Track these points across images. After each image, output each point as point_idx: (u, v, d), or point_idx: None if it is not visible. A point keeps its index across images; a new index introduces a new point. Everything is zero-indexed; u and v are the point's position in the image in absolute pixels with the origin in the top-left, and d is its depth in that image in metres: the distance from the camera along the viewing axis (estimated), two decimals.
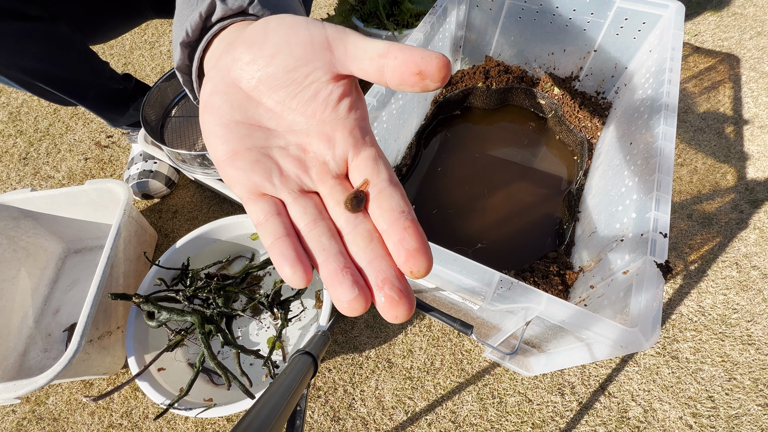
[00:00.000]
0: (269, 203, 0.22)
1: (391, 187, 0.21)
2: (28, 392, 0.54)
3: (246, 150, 0.22)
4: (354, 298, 0.19)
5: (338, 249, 0.20)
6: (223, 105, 0.22)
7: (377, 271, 0.19)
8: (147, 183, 0.85)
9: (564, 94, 0.88)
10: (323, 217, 0.22)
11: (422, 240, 0.19)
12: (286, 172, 0.22)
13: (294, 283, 0.20)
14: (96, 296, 0.59)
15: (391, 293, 0.19)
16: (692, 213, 0.83)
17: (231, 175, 0.22)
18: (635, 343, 0.37)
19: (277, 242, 0.20)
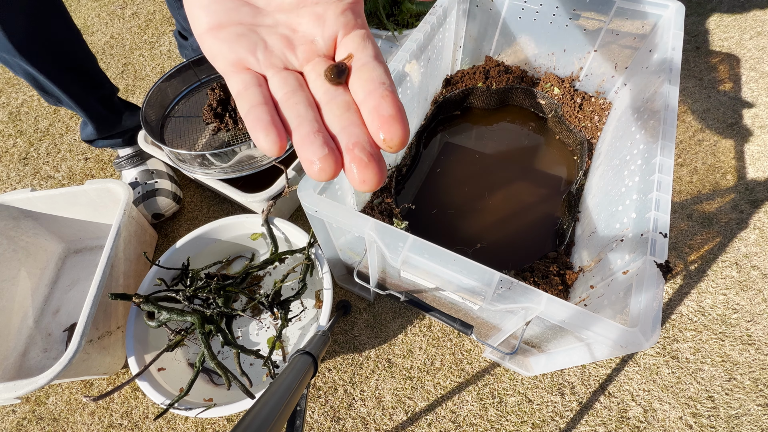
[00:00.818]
0: (251, 75, 0.21)
1: (374, 62, 0.20)
2: (28, 392, 0.54)
3: (231, 24, 0.21)
4: (323, 157, 0.18)
5: (313, 116, 0.20)
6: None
7: (349, 135, 0.19)
8: (155, 201, 0.84)
9: (564, 94, 0.88)
10: (302, 89, 0.21)
11: (399, 108, 0.19)
12: (271, 48, 0.21)
13: (267, 148, 0.19)
14: (96, 296, 0.59)
15: (361, 155, 0.18)
16: (692, 213, 0.83)
17: (213, 47, 0.21)
18: (635, 343, 0.37)
19: (252, 108, 0.20)
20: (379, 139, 0.19)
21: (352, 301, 0.76)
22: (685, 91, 1.02)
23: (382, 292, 0.57)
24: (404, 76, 0.66)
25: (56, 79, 0.70)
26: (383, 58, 0.21)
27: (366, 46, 0.21)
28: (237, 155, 0.68)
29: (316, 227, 0.56)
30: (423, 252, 0.43)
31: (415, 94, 0.76)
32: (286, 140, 0.19)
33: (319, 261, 0.67)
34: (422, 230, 0.76)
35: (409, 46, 0.66)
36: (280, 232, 0.73)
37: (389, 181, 0.79)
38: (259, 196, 0.70)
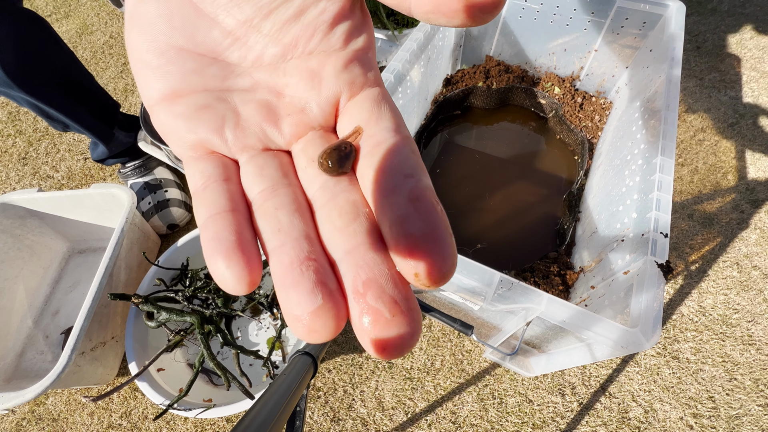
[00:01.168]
0: (215, 164, 0.15)
1: (396, 138, 0.14)
2: (16, 405, 0.54)
3: (192, 91, 0.15)
4: (314, 312, 0.11)
5: (302, 230, 0.13)
6: (160, 21, 0.15)
7: (358, 266, 0.12)
8: (169, 212, 0.83)
9: (564, 94, 0.88)
10: (288, 182, 0.15)
11: (438, 221, 0.12)
12: (245, 121, 0.15)
13: (228, 284, 0.12)
14: (90, 308, 0.58)
15: (378, 305, 0.11)
16: (693, 213, 0.82)
17: (166, 125, 0.15)
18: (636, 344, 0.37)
19: (211, 219, 0.13)
20: (410, 272, 0.12)
21: None
22: (686, 91, 1.02)
23: None
24: (404, 76, 0.66)
25: (58, 105, 0.70)
26: (407, 129, 0.15)
27: (382, 114, 0.15)
28: None
29: None
30: None
31: (415, 93, 0.76)
32: (258, 271, 0.13)
33: None
34: None
35: (410, 46, 0.66)
36: None
37: None
38: None
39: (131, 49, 0.16)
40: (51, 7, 1.40)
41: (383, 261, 0.12)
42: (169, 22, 0.15)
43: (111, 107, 0.80)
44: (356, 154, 0.14)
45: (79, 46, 1.27)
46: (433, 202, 0.12)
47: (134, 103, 1.11)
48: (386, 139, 0.14)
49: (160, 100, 0.15)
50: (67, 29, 1.32)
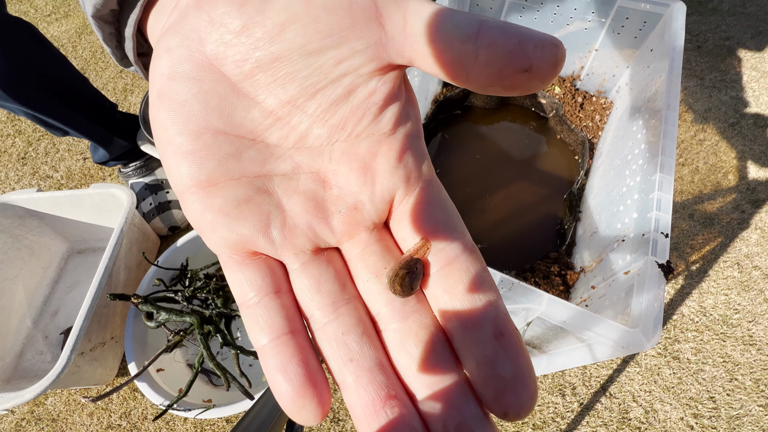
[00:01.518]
0: (263, 272, 0.14)
1: (466, 255, 0.13)
2: (15, 405, 0.54)
3: (230, 180, 0.14)
4: None
5: (374, 359, 0.12)
6: (195, 101, 0.13)
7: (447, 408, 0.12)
8: (171, 214, 0.83)
9: (565, 94, 0.87)
10: (348, 297, 0.14)
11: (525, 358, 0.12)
12: (291, 219, 0.14)
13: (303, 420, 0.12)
14: (90, 308, 0.58)
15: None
16: (694, 213, 0.82)
17: (204, 221, 0.14)
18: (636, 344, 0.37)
19: (273, 346, 0.12)
20: (500, 412, 0.11)
21: None
22: (687, 91, 1.02)
23: None
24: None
25: (54, 113, 0.70)
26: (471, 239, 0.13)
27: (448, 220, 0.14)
28: None
29: None
30: None
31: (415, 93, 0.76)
32: (329, 403, 0.12)
33: None
34: None
35: None
36: None
37: None
38: None
39: (161, 131, 0.14)
40: (50, 6, 1.40)
41: (470, 399, 0.12)
42: (205, 103, 0.13)
43: (108, 109, 0.79)
44: (425, 273, 0.13)
45: (79, 46, 1.26)
46: (517, 336, 0.12)
47: (134, 103, 1.11)
48: (458, 255, 0.13)
49: (195, 188, 0.14)
50: (67, 29, 1.32)
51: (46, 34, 1.31)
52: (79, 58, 1.23)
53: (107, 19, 0.17)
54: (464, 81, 0.12)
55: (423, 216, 0.14)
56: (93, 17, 0.16)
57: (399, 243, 0.14)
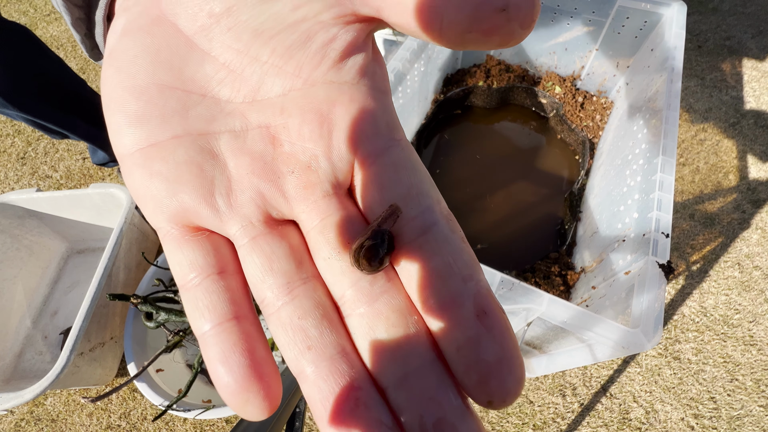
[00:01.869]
0: (205, 249, 0.12)
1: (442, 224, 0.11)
2: (14, 405, 0.54)
3: (172, 138, 0.12)
4: None
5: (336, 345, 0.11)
6: (144, 55, 0.12)
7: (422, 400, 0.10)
8: None
9: (565, 93, 0.87)
10: (305, 276, 0.12)
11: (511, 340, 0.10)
12: (238, 184, 0.12)
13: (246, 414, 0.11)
14: (89, 309, 0.58)
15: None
16: (694, 213, 0.82)
17: (140, 185, 0.12)
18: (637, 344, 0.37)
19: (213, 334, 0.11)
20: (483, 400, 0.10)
21: None
22: (687, 91, 1.01)
23: None
24: (404, 75, 0.66)
25: (53, 118, 0.70)
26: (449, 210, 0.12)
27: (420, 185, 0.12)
28: None
29: None
30: None
31: (415, 92, 0.76)
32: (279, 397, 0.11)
33: None
34: None
35: (410, 45, 0.65)
36: None
37: None
38: None
39: (105, 90, 0.13)
40: (50, 6, 1.40)
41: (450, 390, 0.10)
42: (154, 56, 0.12)
43: None
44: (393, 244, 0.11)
45: (78, 46, 1.26)
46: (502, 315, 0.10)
47: None
48: (433, 224, 0.11)
49: (135, 150, 0.12)
50: (66, 29, 1.32)
51: (45, 33, 1.31)
52: (78, 58, 1.23)
53: (77, 2, 0.16)
54: (438, 29, 0.10)
55: (392, 180, 0.12)
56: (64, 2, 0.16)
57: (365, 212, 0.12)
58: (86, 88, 0.76)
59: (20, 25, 0.64)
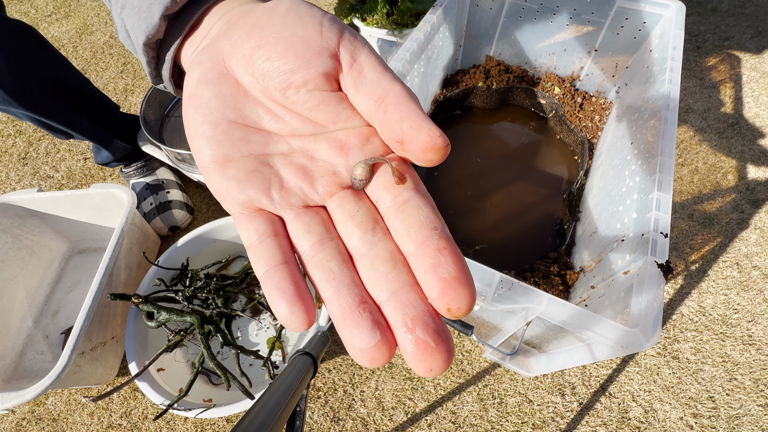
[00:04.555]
0: (265, 221, 0.18)
1: (418, 197, 0.17)
2: (16, 405, 0.53)
3: (240, 157, 0.18)
4: (374, 345, 0.15)
5: (351, 278, 0.16)
6: (214, 99, 0.18)
7: (405, 305, 0.15)
8: (171, 214, 0.83)
9: (565, 94, 0.88)
10: (331, 236, 0.17)
11: (463, 266, 0.15)
12: (287, 184, 0.18)
13: (293, 325, 0.16)
14: (90, 308, 0.58)
15: (425, 337, 0.14)
16: (693, 213, 0.82)
17: (221, 187, 0.18)
18: (636, 344, 0.37)
19: (271, 271, 0.16)
20: (443, 308, 0.15)
21: None
22: (686, 91, 1.02)
23: None
24: (404, 76, 0.66)
25: (58, 117, 0.69)
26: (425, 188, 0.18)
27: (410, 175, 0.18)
28: None
29: None
30: None
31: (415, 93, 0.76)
32: (315, 313, 0.16)
33: None
34: None
35: (410, 46, 0.66)
36: None
37: None
38: None
39: (189, 122, 0.19)
40: (51, 7, 1.40)
41: (421, 299, 0.15)
42: (222, 101, 0.18)
43: (111, 111, 0.79)
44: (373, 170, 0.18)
45: (79, 46, 1.27)
46: (456, 250, 0.15)
47: (134, 103, 1.11)
48: (411, 198, 0.17)
49: (213, 163, 0.18)
50: (67, 29, 1.32)
51: (46, 34, 1.31)
52: (79, 59, 1.23)
53: (152, 46, 0.23)
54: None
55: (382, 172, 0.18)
56: (144, 45, 0.22)
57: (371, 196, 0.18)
58: (91, 87, 0.76)
59: (26, 24, 0.64)
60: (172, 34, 0.22)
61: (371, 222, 0.17)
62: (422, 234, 0.16)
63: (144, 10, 0.21)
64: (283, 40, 0.17)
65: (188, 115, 0.19)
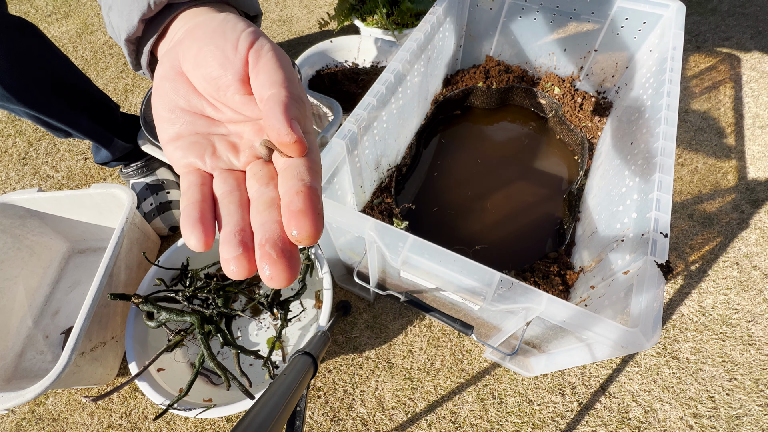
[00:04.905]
0: (197, 176, 0.24)
1: (300, 161, 0.22)
2: (16, 405, 0.53)
3: (188, 134, 0.25)
4: (237, 256, 0.19)
5: (240, 216, 0.21)
6: (171, 92, 0.25)
7: (265, 231, 0.20)
8: (172, 214, 0.83)
9: (564, 94, 0.88)
10: (239, 188, 0.23)
11: (311, 204, 0.19)
12: (219, 153, 0.24)
13: (191, 244, 0.20)
14: (90, 308, 0.58)
15: (270, 251, 0.19)
16: (693, 213, 0.82)
17: (173, 155, 0.25)
18: (636, 344, 0.37)
19: (187, 206, 0.22)
20: (291, 234, 0.19)
21: (352, 301, 0.76)
22: (686, 91, 1.02)
23: (382, 293, 0.57)
24: (404, 76, 0.66)
25: (58, 115, 0.69)
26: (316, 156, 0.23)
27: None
28: None
29: None
30: (423, 252, 0.43)
31: (415, 93, 0.76)
32: (212, 237, 0.21)
33: (319, 261, 0.67)
34: (422, 230, 0.76)
35: (410, 46, 0.66)
36: None
37: (389, 181, 0.79)
38: None
39: (154, 107, 0.25)
40: (51, 7, 1.40)
41: (278, 228, 0.20)
42: (177, 93, 0.25)
43: (112, 110, 0.79)
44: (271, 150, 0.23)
45: (79, 46, 1.27)
46: (312, 194, 0.20)
47: (134, 103, 1.11)
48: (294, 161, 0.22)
49: (170, 139, 0.25)
50: (67, 29, 1.32)
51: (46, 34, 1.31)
52: (79, 59, 1.23)
53: (133, 42, 0.29)
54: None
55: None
56: (125, 40, 0.29)
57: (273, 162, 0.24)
58: (92, 85, 0.75)
59: (28, 21, 0.64)
60: (148, 32, 0.29)
61: (267, 179, 0.22)
62: (291, 183, 0.20)
63: (125, 14, 0.27)
64: (210, 52, 0.23)
65: (153, 102, 0.25)
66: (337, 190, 0.60)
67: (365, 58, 0.99)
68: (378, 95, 0.60)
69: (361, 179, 0.68)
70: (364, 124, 0.58)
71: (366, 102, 0.58)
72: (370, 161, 0.68)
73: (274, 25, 1.29)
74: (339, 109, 0.81)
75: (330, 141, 0.54)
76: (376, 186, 0.78)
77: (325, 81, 0.95)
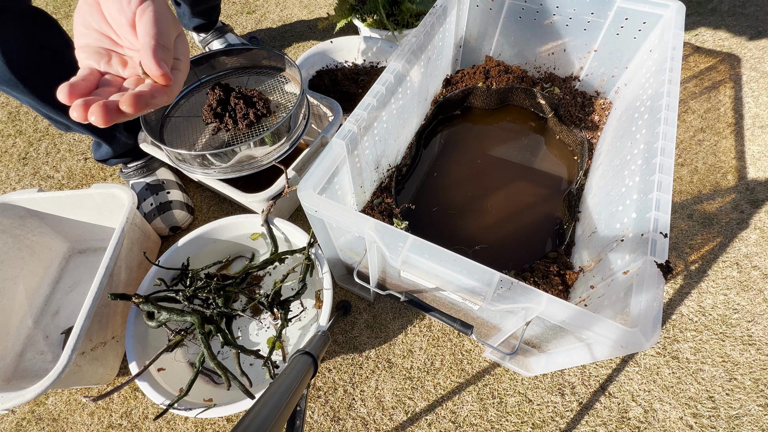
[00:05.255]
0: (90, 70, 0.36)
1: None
2: (16, 405, 0.54)
3: (94, 46, 0.36)
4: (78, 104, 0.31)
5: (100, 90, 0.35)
6: (87, 14, 0.36)
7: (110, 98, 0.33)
8: (172, 214, 0.83)
9: (564, 94, 0.88)
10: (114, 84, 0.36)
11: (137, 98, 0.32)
12: (112, 63, 0.36)
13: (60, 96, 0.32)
14: (91, 308, 0.58)
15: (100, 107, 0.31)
16: (693, 213, 0.83)
17: (80, 58, 0.36)
18: (635, 344, 0.37)
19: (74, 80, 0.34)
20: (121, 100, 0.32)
21: (352, 301, 0.76)
22: (686, 91, 1.02)
23: (382, 293, 0.57)
24: (404, 76, 0.66)
25: (62, 107, 0.69)
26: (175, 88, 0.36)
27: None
28: (237, 155, 0.68)
29: (316, 227, 0.56)
30: (423, 252, 0.43)
31: (415, 93, 0.76)
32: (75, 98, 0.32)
33: (319, 261, 0.67)
34: (422, 230, 0.76)
35: (409, 46, 0.66)
36: (280, 232, 0.73)
37: (389, 181, 0.79)
38: (259, 196, 0.70)
39: (75, 21, 0.36)
40: (51, 7, 1.40)
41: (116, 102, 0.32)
42: (92, 16, 0.36)
43: None
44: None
45: None
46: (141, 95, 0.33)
47: None
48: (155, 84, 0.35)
49: (80, 47, 0.36)
50: (68, 29, 1.32)
51: None
52: None
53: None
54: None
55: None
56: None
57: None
58: None
59: (47, 13, 0.64)
60: None
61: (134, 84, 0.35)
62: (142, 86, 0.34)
63: None
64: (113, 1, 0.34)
65: (75, 16, 0.36)
66: (337, 191, 0.60)
67: (365, 58, 0.99)
68: (378, 95, 0.60)
69: (361, 179, 0.68)
70: (364, 124, 0.58)
71: (366, 102, 0.58)
72: (370, 161, 0.68)
73: (274, 25, 1.29)
74: (339, 109, 0.81)
75: (330, 141, 0.54)
76: (376, 186, 0.78)
77: (325, 81, 0.95)
